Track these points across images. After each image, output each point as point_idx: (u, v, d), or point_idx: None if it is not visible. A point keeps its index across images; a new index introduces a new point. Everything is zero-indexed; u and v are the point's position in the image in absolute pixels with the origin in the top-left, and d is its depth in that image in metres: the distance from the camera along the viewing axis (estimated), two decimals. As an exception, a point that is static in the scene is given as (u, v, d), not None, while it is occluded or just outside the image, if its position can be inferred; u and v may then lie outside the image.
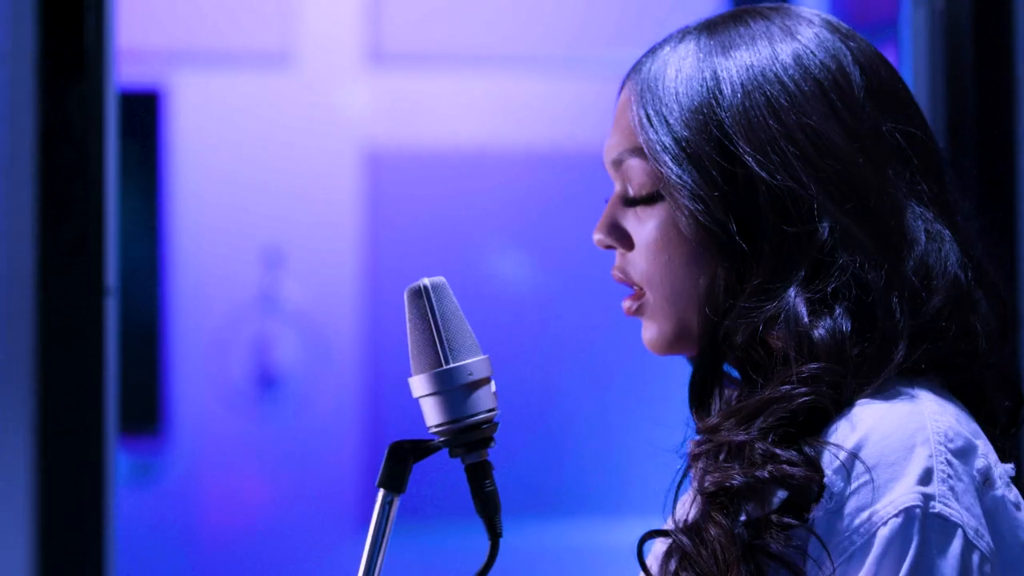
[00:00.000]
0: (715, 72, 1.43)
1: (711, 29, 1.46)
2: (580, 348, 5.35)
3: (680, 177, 1.42)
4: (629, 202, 1.49)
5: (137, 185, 5.34)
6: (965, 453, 1.33)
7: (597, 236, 1.52)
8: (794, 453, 1.32)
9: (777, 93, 1.41)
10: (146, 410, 5.31)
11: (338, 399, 5.35)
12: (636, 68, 1.50)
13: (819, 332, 1.36)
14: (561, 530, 5.27)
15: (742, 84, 1.42)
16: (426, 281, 1.49)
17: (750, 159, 1.40)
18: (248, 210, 5.38)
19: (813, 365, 1.35)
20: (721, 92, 1.42)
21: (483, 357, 1.46)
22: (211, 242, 5.36)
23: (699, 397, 1.45)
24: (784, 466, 1.32)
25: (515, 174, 5.41)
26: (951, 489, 1.31)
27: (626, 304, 1.51)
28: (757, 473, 1.32)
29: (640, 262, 1.49)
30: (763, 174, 1.39)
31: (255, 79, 5.41)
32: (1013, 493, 1.36)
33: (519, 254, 5.37)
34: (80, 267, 2.28)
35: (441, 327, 1.47)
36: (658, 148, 1.43)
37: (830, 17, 1.47)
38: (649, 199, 1.47)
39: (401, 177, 5.47)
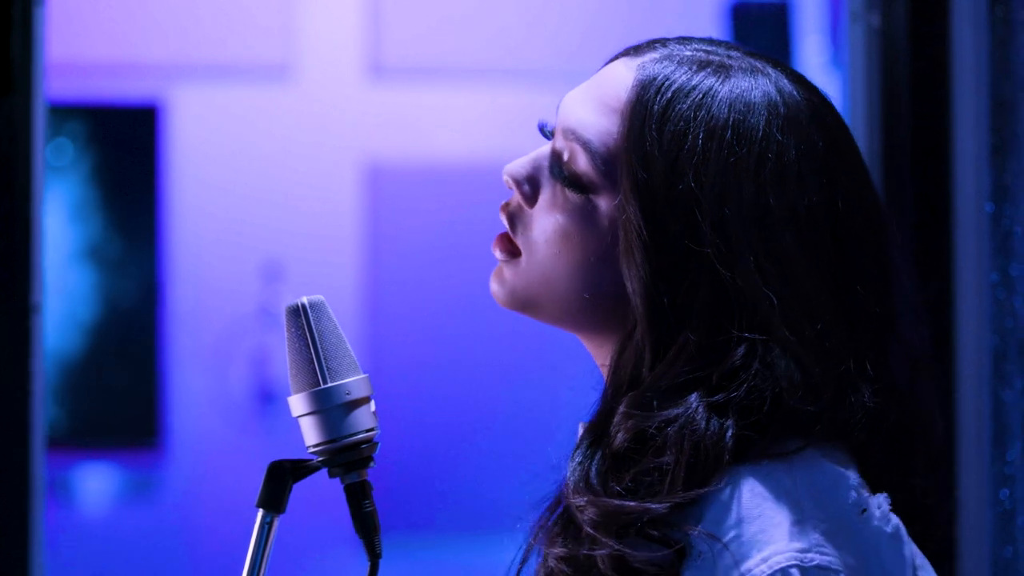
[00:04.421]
0: (708, 147, 1.36)
1: (726, 73, 1.39)
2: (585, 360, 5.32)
3: (640, 231, 1.37)
4: (558, 172, 1.44)
5: (136, 199, 5.34)
6: (835, 487, 1.31)
7: (511, 175, 1.47)
8: (646, 553, 1.29)
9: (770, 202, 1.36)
10: (144, 424, 5.31)
11: (337, 414, 5.33)
12: (641, 61, 1.42)
13: (708, 442, 1.31)
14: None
15: (730, 176, 1.36)
16: (304, 299, 1.49)
17: (714, 253, 1.35)
18: (247, 223, 5.38)
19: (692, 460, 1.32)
20: (709, 168, 1.36)
21: (362, 376, 1.46)
22: (210, 255, 5.36)
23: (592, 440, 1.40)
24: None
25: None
26: (824, 534, 1.28)
27: (496, 251, 1.49)
28: None
29: (534, 230, 1.45)
30: (724, 272, 1.34)
31: (255, 92, 5.41)
32: (891, 524, 1.33)
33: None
34: (5, 284, 2.26)
35: (319, 346, 1.47)
36: (633, 185, 1.38)
37: (837, 130, 1.41)
38: (580, 187, 1.42)
39: (401, 190, 5.45)
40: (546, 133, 1.48)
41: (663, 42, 1.45)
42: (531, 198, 1.46)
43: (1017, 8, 2.25)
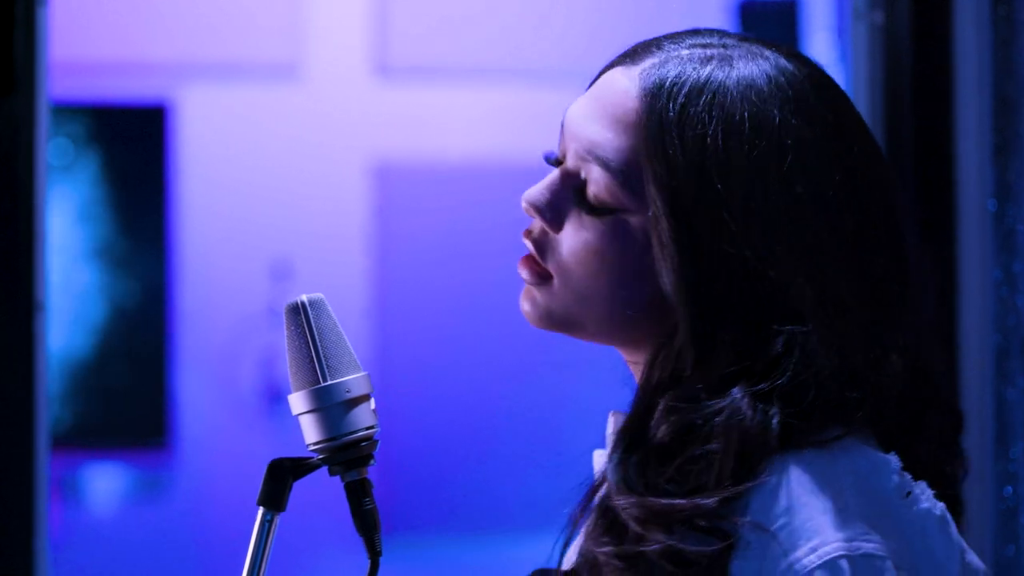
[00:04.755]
0: (726, 143, 1.35)
1: (730, 65, 1.38)
2: (594, 358, 5.32)
3: (676, 238, 1.35)
4: (580, 194, 1.41)
5: (144, 198, 5.34)
6: (877, 473, 1.31)
7: (531, 203, 1.43)
8: (697, 546, 1.30)
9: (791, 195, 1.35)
10: (152, 424, 5.32)
11: (345, 413, 5.32)
12: (641, 68, 1.40)
13: (755, 430, 1.31)
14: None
15: (753, 171, 1.35)
16: (304, 297, 1.49)
17: (749, 252, 1.34)
18: (256, 223, 5.39)
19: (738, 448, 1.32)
20: (731, 167, 1.35)
21: (362, 374, 1.45)
22: (219, 255, 5.37)
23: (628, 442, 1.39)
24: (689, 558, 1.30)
25: (523, 186, 5.38)
26: (866, 520, 1.28)
27: (525, 274, 1.45)
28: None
29: (564, 254, 1.42)
30: (759, 267, 1.34)
31: (263, 92, 5.42)
32: (939, 507, 1.33)
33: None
34: (9, 283, 2.26)
35: (319, 344, 1.47)
36: (661, 194, 1.36)
37: (848, 118, 1.41)
38: (606, 207, 1.40)
39: (409, 189, 5.46)
40: (552, 163, 1.46)
41: (656, 43, 1.42)
42: (555, 223, 1.43)
43: (1020, 7, 2.26)
